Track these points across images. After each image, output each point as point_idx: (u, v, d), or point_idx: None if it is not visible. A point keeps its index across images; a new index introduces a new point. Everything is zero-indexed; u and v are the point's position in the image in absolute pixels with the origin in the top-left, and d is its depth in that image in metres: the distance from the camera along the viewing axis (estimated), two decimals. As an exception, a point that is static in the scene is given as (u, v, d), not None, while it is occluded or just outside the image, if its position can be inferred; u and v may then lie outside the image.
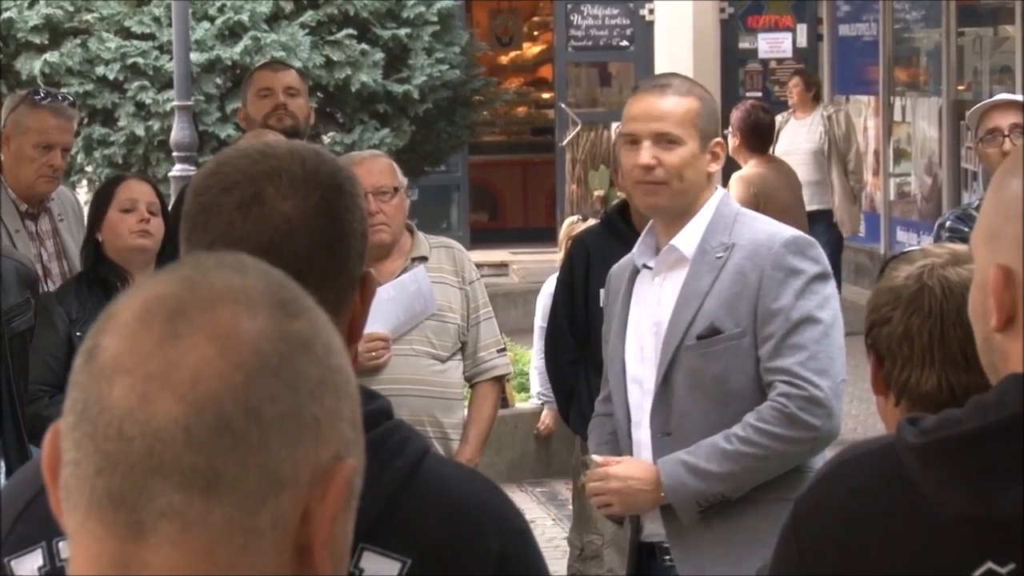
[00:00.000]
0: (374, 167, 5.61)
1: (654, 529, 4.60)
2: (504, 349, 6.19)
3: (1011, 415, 1.86)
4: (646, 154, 4.46)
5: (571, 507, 6.48)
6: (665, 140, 4.47)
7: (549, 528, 8.92)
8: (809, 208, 12.66)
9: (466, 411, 5.93)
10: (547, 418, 9.69)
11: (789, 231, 4.64)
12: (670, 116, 4.49)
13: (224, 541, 1.31)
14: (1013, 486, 1.84)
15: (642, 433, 4.55)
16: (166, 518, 1.30)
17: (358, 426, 1.39)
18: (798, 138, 13.81)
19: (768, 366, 4.38)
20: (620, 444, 4.64)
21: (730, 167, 12.23)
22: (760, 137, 11.84)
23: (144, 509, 1.30)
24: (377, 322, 5.29)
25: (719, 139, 4.61)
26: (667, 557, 4.58)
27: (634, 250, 4.67)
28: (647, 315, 4.57)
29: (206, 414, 1.30)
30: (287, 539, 1.33)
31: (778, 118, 13.52)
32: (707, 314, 4.44)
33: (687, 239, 4.50)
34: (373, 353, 5.47)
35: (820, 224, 13.09)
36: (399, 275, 5.67)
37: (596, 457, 4.60)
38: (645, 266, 4.61)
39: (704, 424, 4.44)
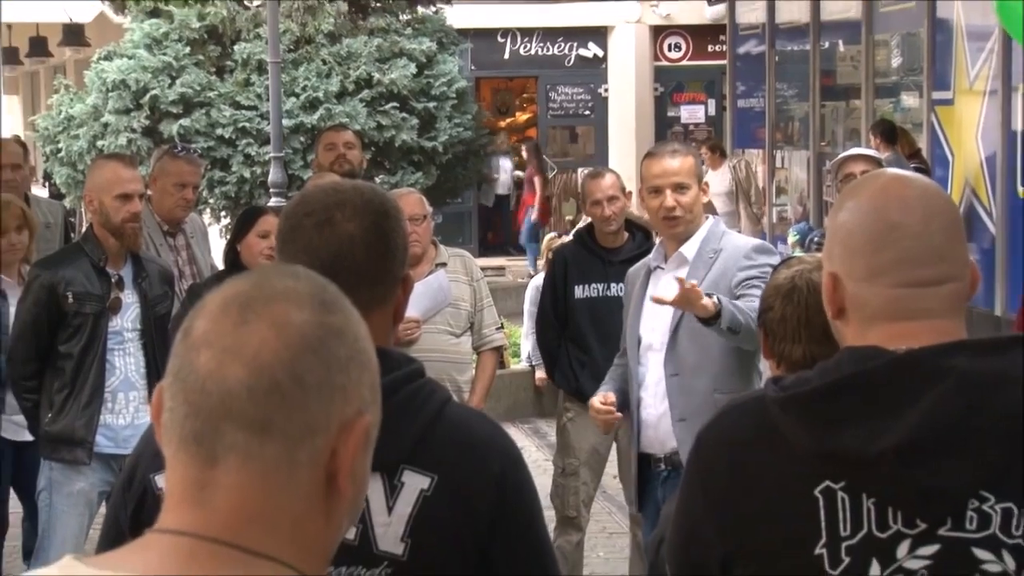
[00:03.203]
0: (409, 200, 5.59)
1: (648, 445, 4.65)
2: (501, 327, 6.19)
3: (843, 376, 1.85)
4: (669, 199, 4.58)
5: (551, 438, 6.45)
6: (680, 188, 4.60)
7: (534, 453, 8.91)
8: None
9: (473, 371, 5.91)
10: (540, 375, 9.70)
11: (756, 240, 4.90)
12: (682, 171, 4.61)
13: (274, 469, 1.31)
14: (842, 427, 1.83)
15: (650, 376, 4.63)
16: (233, 451, 1.31)
17: (376, 390, 1.39)
18: (714, 184, 13.82)
19: (739, 293, 4.51)
20: (629, 384, 4.74)
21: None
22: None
23: (217, 444, 1.31)
24: (411, 309, 5.26)
25: (706, 181, 4.78)
26: (660, 466, 4.64)
27: (649, 257, 4.79)
28: (654, 305, 4.59)
29: (263, 378, 1.31)
30: (320, 469, 1.33)
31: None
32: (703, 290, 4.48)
33: (690, 248, 4.61)
34: (408, 331, 5.46)
35: None
36: (427, 276, 5.65)
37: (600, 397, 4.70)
38: (658, 267, 4.68)
39: (697, 367, 4.53)
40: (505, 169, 19.80)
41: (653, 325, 4.63)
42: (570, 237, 7.72)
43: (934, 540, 1.83)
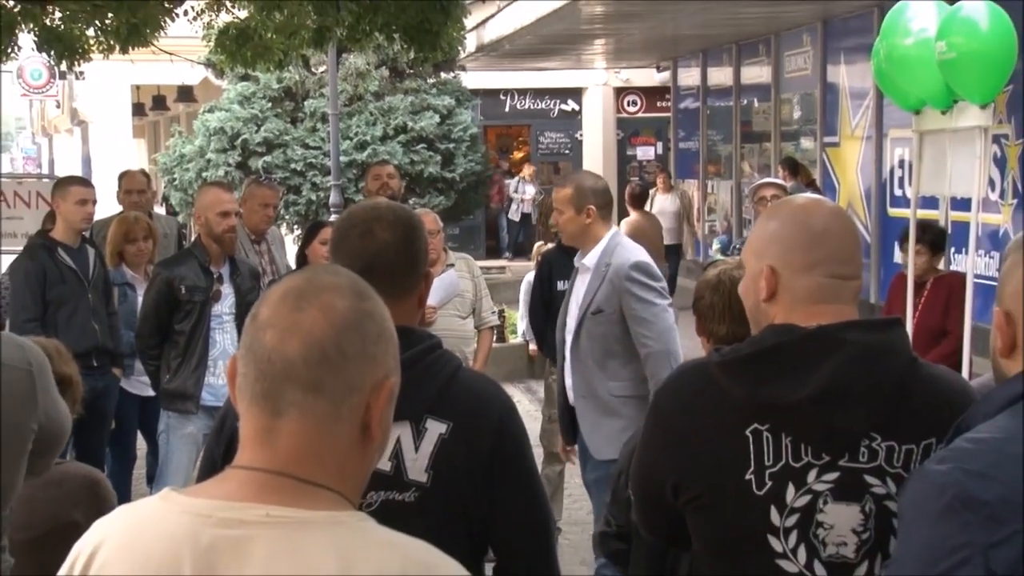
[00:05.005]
0: (427, 218, 5.51)
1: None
2: (495, 312, 6.14)
3: (767, 346, 1.85)
4: (555, 217, 4.47)
5: (540, 394, 6.43)
6: (557, 211, 4.46)
7: (527, 405, 8.85)
8: (670, 242, 12.82)
9: (475, 345, 5.90)
10: (533, 347, 9.63)
11: (635, 257, 4.37)
12: (556, 200, 4.47)
13: (324, 420, 1.30)
14: (767, 384, 1.83)
15: (569, 355, 4.51)
16: (293, 406, 1.29)
17: (397, 359, 1.37)
18: (665, 205, 13.80)
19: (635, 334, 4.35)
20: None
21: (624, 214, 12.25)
22: (637, 200, 11.80)
23: (280, 401, 1.29)
24: (429, 299, 5.25)
25: (591, 205, 4.35)
26: None
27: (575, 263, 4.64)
28: (574, 299, 4.51)
29: (315, 350, 1.29)
30: (357, 420, 1.31)
31: (651, 191, 13.61)
32: (596, 301, 4.39)
33: (591, 258, 4.43)
34: (428, 315, 5.45)
35: (673, 250, 13.25)
36: (441, 274, 5.63)
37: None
38: (577, 268, 4.56)
39: (597, 360, 4.42)
40: (529, 192, 19.76)
41: (570, 316, 4.55)
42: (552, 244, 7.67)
43: (835, 469, 1.83)
